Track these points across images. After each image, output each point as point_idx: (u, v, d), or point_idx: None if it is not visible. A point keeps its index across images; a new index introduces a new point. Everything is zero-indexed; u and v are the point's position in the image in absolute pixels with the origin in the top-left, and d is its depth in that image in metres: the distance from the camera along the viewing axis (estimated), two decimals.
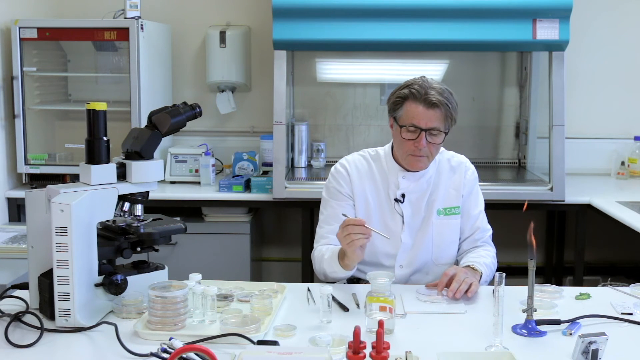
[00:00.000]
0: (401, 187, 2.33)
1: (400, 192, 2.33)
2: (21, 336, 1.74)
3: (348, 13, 3.43)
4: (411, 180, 2.34)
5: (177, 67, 4.21)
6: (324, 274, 2.28)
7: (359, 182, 2.37)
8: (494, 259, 2.36)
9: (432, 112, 2.21)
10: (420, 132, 2.22)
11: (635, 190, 3.76)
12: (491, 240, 2.43)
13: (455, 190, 2.37)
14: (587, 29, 4.11)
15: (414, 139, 2.23)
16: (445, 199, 2.36)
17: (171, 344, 1.62)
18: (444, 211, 2.35)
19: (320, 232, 2.38)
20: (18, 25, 3.63)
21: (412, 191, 2.34)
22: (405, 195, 2.33)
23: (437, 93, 2.22)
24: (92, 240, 1.81)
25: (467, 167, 2.42)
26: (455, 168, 2.40)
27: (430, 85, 2.24)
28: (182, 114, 2.00)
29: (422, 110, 2.21)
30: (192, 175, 3.85)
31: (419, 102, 2.22)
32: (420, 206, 2.34)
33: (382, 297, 1.80)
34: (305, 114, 4.19)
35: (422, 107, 2.21)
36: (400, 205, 2.33)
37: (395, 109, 2.28)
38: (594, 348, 1.59)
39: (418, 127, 2.22)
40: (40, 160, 3.76)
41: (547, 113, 3.59)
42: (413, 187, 2.34)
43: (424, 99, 2.21)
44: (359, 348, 1.52)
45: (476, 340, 1.77)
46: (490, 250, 2.39)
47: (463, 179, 2.38)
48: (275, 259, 4.34)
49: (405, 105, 2.25)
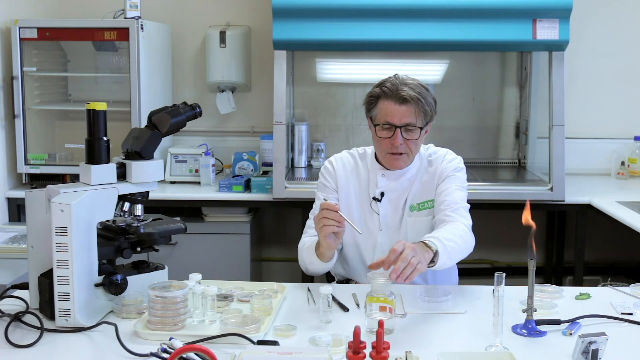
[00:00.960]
0: (380, 186, 2.33)
1: (379, 190, 2.33)
2: (21, 336, 1.74)
3: (348, 13, 3.43)
4: (390, 178, 2.33)
5: (177, 67, 4.21)
6: (304, 265, 2.27)
7: (344, 179, 2.38)
8: (464, 231, 2.14)
9: (405, 107, 2.21)
10: (395, 129, 2.22)
11: (635, 190, 3.76)
12: (467, 214, 2.24)
13: (429, 184, 2.33)
14: (587, 29, 4.11)
15: (390, 137, 2.23)
16: (418, 194, 2.33)
17: (171, 344, 1.62)
18: (417, 206, 2.33)
19: (308, 223, 2.37)
20: (18, 25, 3.63)
21: (391, 190, 2.33)
22: (384, 193, 2.33)
23: (410, 89, 2.22)
24: (92, 240, 1.81)
25: (445, 157, 2.36)
26: (433, 161, 2.37)
27: (403, 82, 2.24)
28: (182, 114, 2.00)
29: (394, 107, 2.22)
30: (192, 175, 3.85)
31: (391, 99, 2.22)
32: (399, 204, 2.33)
33: (382, 297, 1.80)
34: (305, 114, 4.19)
35: (395, 103, 2.22)
36: (378, 204, 2.32)
37: (370, 109, 2.29)
38: (594, 348, 1.59)
39: (392, 124, 2.22)
40: (40, 160, 3.76)
41: (547, 113, 3.59)
42: (392, 185, 2.33)
43: (396, 95, 2.21)
44: (359, 348, 1.52)
45: (476, 340, 1.77)
46: (458, 224, 2.16)
47: (438, 168, 2.33)
48: (275, 259, 4.35)
49: (378, 104, 2.26)
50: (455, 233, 2.10)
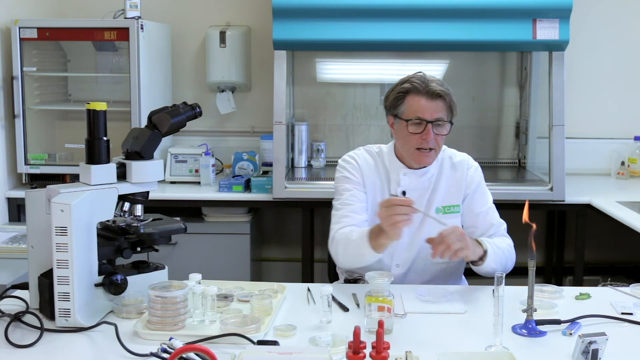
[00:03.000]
0: (402, 184, 2.33)
1: (401, 189, 2.33)
2: (21, 336, 1.74)
3: (348, 13, 3.43)
4: (412, 177, 2.33)
5: (177, 67, 4.21)
6: (349, 260, 2.21)
7: (368, 175, 2.36)
8: (510, 247, 2.29)
9: (435, 103, 2.22)
10: (427, 124, 2.22)
11: (635, 190, 3.76)
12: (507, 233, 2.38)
13: (455, 189, 2.35)
14: (587, 29, 4.11)
15: (421, 132, 2.23)
16: (445, 197, 2.34)
17: (171, 344, 1.62)
18: (443, 209, 2.34)
19: (339, 213, 2.31)
20: (18, 25, 3.63)
21: (413, 188, 2.33)
22: (405, 192, 2.32)
23: (437, 84, 2.23)
24: (92, 240, 1.81)
25: (470, 164, 2.40)
26: (456, 165, 2.38)
27: (429, 78, 2.25)
28: (182, 114, 2.00)
29: (425, 102, 2.22)
30: (192, 175, 3.85)
31: (422, 95, 2.22)
32: (420, 204, 2.32)
33: (381, 297, 1.80)
34: (305, 114, 4.19)
35: (425, 99, 2.22)
36: None
37: (397, 105, 2.27)
38: (594, 348, 1.59)
39: (423, 119, 2.22)
40: (40, 160, 3.76)
41: (547, 113, 3.59)
42: (414, 184, 2.33)
43: (426, 90, 2.22)
44: (359, 348, 1.52)
45: (476, 340, 1.77)
46: (506, 239, 2.33)
47: (465, 176, 2.37)
48: (275, 259, 4.34)
49: (407, 100, 2.25)
50: (504, 248, 2.26)
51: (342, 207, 2.30)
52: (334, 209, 2.34)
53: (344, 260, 2.25)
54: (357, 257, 2.18)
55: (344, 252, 2.22)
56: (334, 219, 2.32)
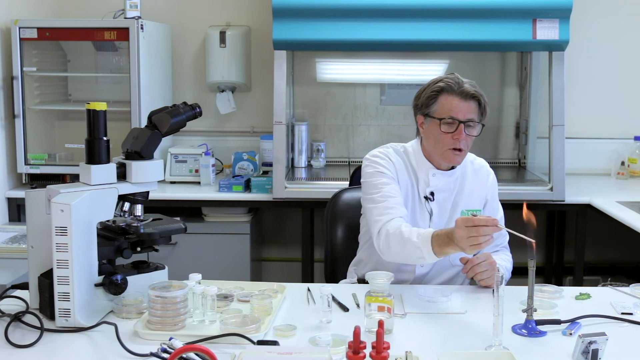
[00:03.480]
0: (431, 185, 2.32)
1: (430, 189, 2.32)
2: (21, 336, 1.74)
3: (348, 13, 3.43)
4: (441, 178, 2.32)
5: (177, 67, 4.21)
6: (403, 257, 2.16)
7: (401, 172, 2.33)
8: (511, 265, 2.37)
9: (468, 104, 2.22)
10: (459, 124, 2.21)
11: (635, 190, 3.76)
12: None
13: (477, 194, 2.37)
14: (587, 29, 4.11)
15: (453, 132, 2.22)
16: (469, 201, 2.35)
17: (171, 344, 1.62)
18: (467, 213, 2.32)
19: (382, 205, 2.22)
20: (18, 25, 3.63)
21: (441, 190, 2.32)
22: (434, 193, 2.32)
23: (471, 86, 2.24)
24: (92, 240, 1.81)
25: (488, 171, 2.43)
26: (477, 171, 2.40)
27: (463, 79, 2.26)
28: (182, 114, 2.00)
29: (458, 102, 2.22)
30: (192, 175, 3.85)
31: (455, 95, 2.22)
32: (447, 206, 2.33)
33: (381, 297, 1.80)
34: (305, 114, 4.19)
35: (459, 99, 2.22)
36: (430, 203, 2.32)
37: (429, 104, 2.26)
38: (594, 348, 1.59)
39: (456, 119, 2.21)
40: (40, 160, 3.76)
41: (547, 113, 3.59)
42: (442, 185, 2.32)
43: (460, 91, 2.22)
44: (359, 348, 1.52)
45: (476, 340, 1.77)
46: (509, 255, 2.41)
47: (486, 183, 2.39)
48: (275, 259, 4.34)
49: (440, 99, 2.24)
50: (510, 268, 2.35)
51: (385, 200, 2.23)
52: (373, 202, 2.25)
53: (396, 256, 2.17)
54: (413, 257, 2.12)
55: (399, 249, 2.13)
56: (378, 211, 2.23)
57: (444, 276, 2.34)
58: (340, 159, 4.22)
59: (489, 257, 2.14)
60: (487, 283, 2.13)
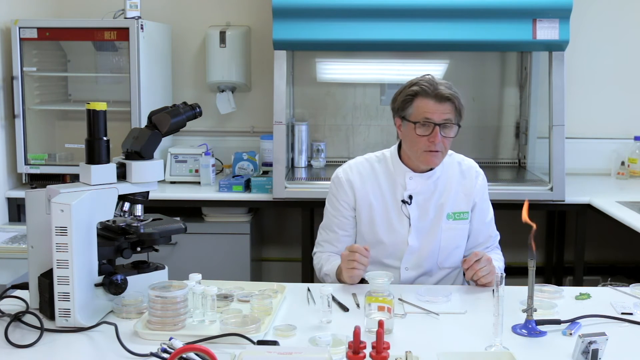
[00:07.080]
0: (408, 188, 2.33)
1: (408, 193, 2.33)
2: (21, 336, 1.74)
3: (348, 13, 3.43)
4: (418, 180, 2.33)
5: (177, 67, 4.21)
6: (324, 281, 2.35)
7: (362, 188, 2.36)
8: (503, 264, 2.38)
9: (444, 106, 2.23)
10: (434, 126, 2.22)
11: (635, 190, 3.76)
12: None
13: (465, 195, 2.37)
14: (587, 29, 4.11)
15: (428, 134, 2.23)
16: (455, 204, 2.35)
17: (171, 344, 1.62)
18: (454, 216, 2.34)
19: (319, 237, 2.47)
20: (18, 25, 3.63)
21: (419, 192, 2.33)
22: (412, 196, 2.32)
23: (446, 87, 2.24)
24: (92, 240, 1.81)
25: (477, 172, 2.43)
26: (465, 172, 2.39)
27: (437, 81, 2.27)
28: (182, 114, 2.00)
29: (433, 105, 2.23)
30: (192, 175, 3.85)
31: (430, 98, 2.23)
32: (428, 208, 2.33)
33: (381, 297, 1.80)
34: (305, 114, 4.19)
35: (434, 101, 2.23)
36: (408, 207, 2.32)
37: (405, 107, 2.27)
38: (594, 348, 1.59)
39: (432, 122, 2.22)
40: (40, 160, 3.76)
41: (547, 113, 3.59)
42: (420, 188, 2.33)
43: (435, 94, 2.22)
44: (359, 348, 1.52)
45: (476, 340, 1.77)
46: (500, 254, 2.43)
47: (474, 185, 2.39)
48: (275, 259, 4.34)
49: (415, 102, 2.25)
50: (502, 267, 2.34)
51: (322, 233, 2.45)
52: (320, 227, 2.47)
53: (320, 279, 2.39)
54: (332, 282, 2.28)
55: (319, 275, 2.40)
56: (320, 236, 2.47)
57: (434, 278, 2.36)
58: (340, 159, 4.21)
59: (484, 254, 2.17)
60: (486, 280, 2.13)
